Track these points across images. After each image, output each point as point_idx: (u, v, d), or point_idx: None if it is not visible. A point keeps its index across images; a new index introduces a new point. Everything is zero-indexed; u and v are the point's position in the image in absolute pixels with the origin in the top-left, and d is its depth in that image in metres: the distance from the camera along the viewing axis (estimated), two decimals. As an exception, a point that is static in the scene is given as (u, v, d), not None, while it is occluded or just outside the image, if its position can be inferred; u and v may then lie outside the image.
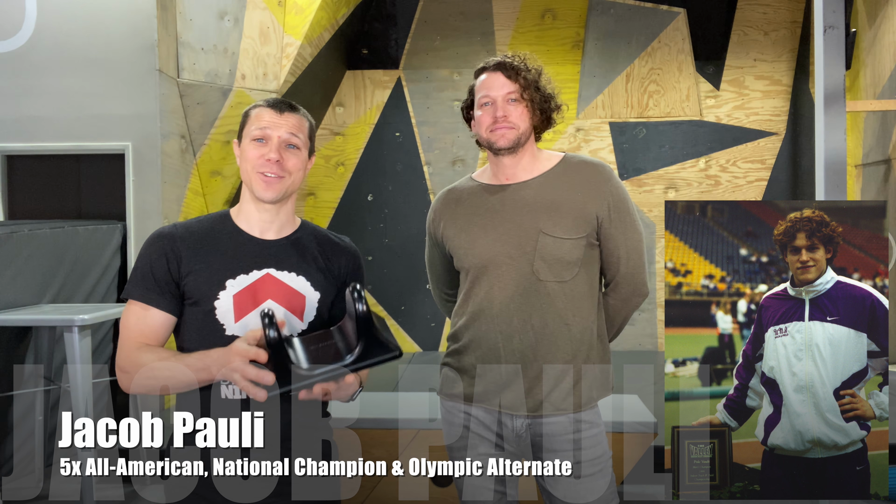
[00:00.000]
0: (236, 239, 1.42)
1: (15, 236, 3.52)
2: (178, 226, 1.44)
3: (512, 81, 1.64)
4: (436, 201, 1.81)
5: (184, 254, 1.38)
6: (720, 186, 6.18)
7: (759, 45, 6.19)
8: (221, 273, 1.38)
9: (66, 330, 3.08)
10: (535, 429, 1.62)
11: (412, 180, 6.25)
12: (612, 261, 1.69)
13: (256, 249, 1.42)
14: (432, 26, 6.24)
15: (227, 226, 1.45)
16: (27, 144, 4.24)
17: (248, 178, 1.41)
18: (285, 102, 1.43)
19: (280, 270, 1.41)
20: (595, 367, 1.67)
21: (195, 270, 1.37)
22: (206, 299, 1.36)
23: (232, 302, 1.36)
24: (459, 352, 1.70)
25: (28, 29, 4.19)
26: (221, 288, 1.37)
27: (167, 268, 1.37)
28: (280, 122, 1.40)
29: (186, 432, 1.32)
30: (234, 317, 1.36)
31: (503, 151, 1.65)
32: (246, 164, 1.41)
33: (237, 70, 4.63)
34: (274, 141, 1.39)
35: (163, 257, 1.38)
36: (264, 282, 1.39)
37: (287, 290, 1.40)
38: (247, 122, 1.44)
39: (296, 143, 1.42)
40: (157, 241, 1.40)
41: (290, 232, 1.47)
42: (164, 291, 1.37)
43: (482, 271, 1.65)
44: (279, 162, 1.38)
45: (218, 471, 1.32)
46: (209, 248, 1.40)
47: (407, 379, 5.13)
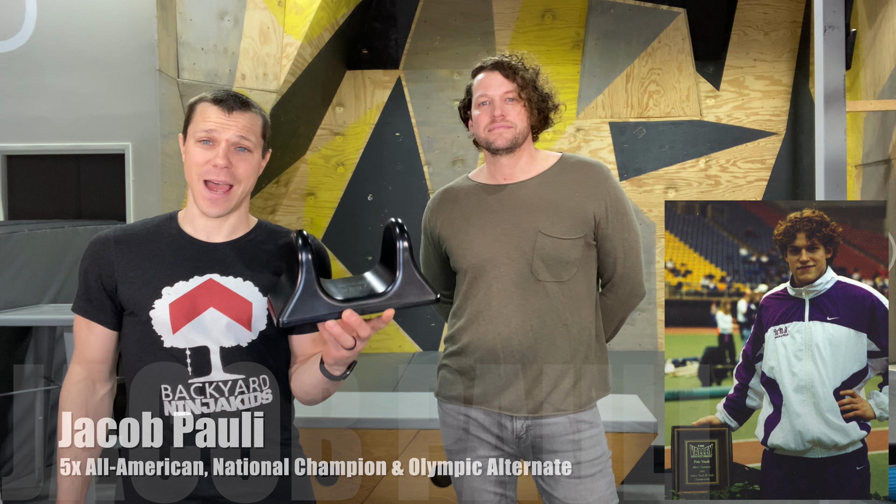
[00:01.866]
0: (177, 242, 1.29)
1: (15, 236, 3.52)
2: (117, 229, 1.31)
3: (509, 81, 1.64)
4: (432, 201, 1.80)
5: (116, 260, 1.27)
6: (720, 186, 6.18)
7: (759, 45, 6.19)
8: (157, 280, 1.25)
9: (66, 330, 3.08)
10: (534, 430, 1.62)
11: (412, 180, 6.25)
12: (609, 261, 1.69)
13: (199, 253, 1.29)
14: (432, 26, 6.24)
15: (170, 228, 1.32)
16: (27, 144, 4.24)
17: (192, 184, 1.27)
18: (235, 97, 1.28)
19: (224, 276, 1.27)
20: (594, 367, 1.67)
21: (129, 278, 1.26)
22: (140, 309, 1.25)
23: (168, 311, 1.24)
24: (458, 353, 1.68)
25: (28, 29, 4.19)
26: (157, 296, 1.24)
27: (99, 277, 1.27)
28: (228, 123, 1.25)
29: (186, 432, 1.25)
30: (171, 327, 1.24)
31: (501, 151, 1.64)
32: (190, 168, 1.26)
33: (237, 70, 4.63)
34: (222, 145, 1.24)
35: (95, 265, 1.28)
36: (205, 288, 1.26)
37: (231, 296, 1.27)
38: (192, 117, 1.28)
39: (246, 145, 1.27)
40: (91, 247, 1.30)
41: (242, 234, 1.33)
42: (100, 305, 1.28)
43: (480, 272, 1.64)
44: (227, 168, 1.24)
45: (218, 471, 1.26)
46: (146, 254, 1.28)
47: (407, 379, 5.13)
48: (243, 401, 1.26)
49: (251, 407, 1.26)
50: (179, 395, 1.23)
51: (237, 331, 1.26)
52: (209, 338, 1.25)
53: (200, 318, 1.25)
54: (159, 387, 1.24)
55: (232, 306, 1.26)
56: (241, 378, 1.26)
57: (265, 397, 1.28)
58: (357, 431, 2.96)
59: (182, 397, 1.23)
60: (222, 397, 1.25)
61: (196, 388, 1.24)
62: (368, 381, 4.98)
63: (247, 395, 1.26)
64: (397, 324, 6.24)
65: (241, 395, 1.26)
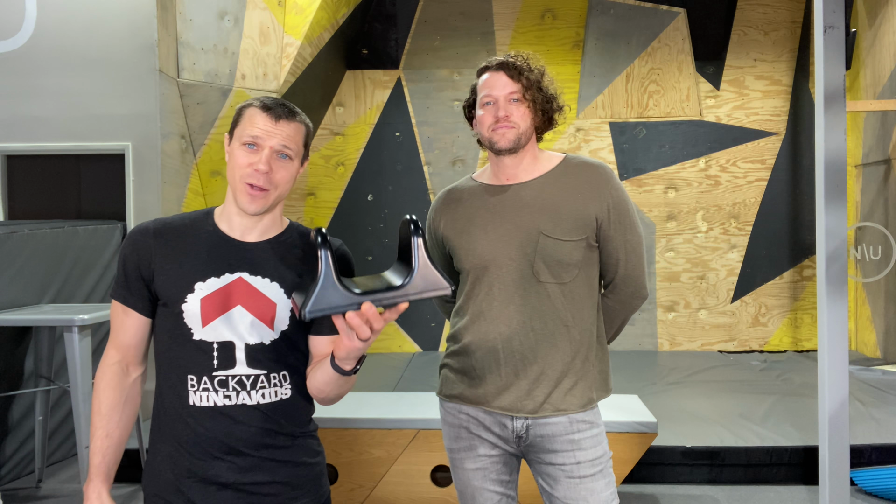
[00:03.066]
0: (212, 240, 1.35)
1: (15, 236, 3.52)
2: (157, 221, 1.38)
3: (514, 81, 1.64)
4: (436, 201, 1.80)
5: (155, 252, 1.33)
6: (720, 186, 6.18)
7: (759, 45, 6.19)
8: (191, 275, 1.31)
9: (66, 330, 3.08)
10: (535, 429, 1.62)
11: (412, 180, 6.25)
12: (612, 263, 1.69)
13: (232, 252, 1.34)
14: (432, 26, 6.24)
15: (206, 225, 1.37)
16: (27, 144, 4.24)
17: (233, 183, 1.33)
18: (283, 106, 1.34)
19: (253, 275, 1.33)
20: (595, 368, 1.67)
21: (165, 270, 1.32)
22: (173, 301, 1.30)
23: (199, 306, 1.30)
24: (459, 353, 1.69)
25: (28, 29, 4.19)
26: (189, 290, 1.30)
27: (137, 266, 1.33)
28: (274, 131, 1.31)
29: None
30: (201, 321, 1.29)
31: (504, 151, 1.64)
32: (233, 170, 1.32)
33: (237, 70, 4.63)
34: (265, 151, 1.31)
35: (134, 254, 1.34)
36: (236, 286, 1.32)
37: (258, 296, 1.32)
38: (240, 120, 1.35)
39: (288, 153, 1.33)
40: (131, 237, 1.36)
41: (275, 234, 1.39)
42: (137, 293, 1.34)
43: (482, 272, 1.64)
44: (268, 174, 1.31)
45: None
46: (183, 248, 1.34)
47: (407, 379, 5.12)
48: (264, 395, 1.31)
49: (271, 402, 1.32)
50: (204, 386, 1.29)
51: (261, 329, 1.32)
52: (235, 334, 1.31)
53: (229, 314, 1.31)
54: (186, 376, 1.30)
55: (258, 305, 1.32)
56: (262, 373, 1.32)
57: (284, 393, 1.34)
58: (357, 431, 2.96)
59: (206, 388, 1.29)
60: (244, 391, 1.30)
61: (219, 381, 1.30)
62: (368, 381, 4.97)
63: (267, 390, 1.32)
64: (397, 324, 6.24)
65: (262, 389, 1.31)
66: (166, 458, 1.31)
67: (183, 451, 1.30)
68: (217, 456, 1.29)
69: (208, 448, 1.29)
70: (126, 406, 1.37)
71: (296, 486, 1.35)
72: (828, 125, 2.67)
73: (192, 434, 1.29)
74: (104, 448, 1.33)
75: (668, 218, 6.20)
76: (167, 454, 1.31)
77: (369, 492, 2.98)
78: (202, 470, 1.29)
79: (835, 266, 2.69)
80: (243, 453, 1.30)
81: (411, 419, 2.96)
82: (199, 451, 1.29)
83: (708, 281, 6.20)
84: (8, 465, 3.56)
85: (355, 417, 2.97)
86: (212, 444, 1.29)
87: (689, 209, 6.20)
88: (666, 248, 6.21)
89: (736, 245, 6.19)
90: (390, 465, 2.97)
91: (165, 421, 1.32)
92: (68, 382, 3.28)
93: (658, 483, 3.50)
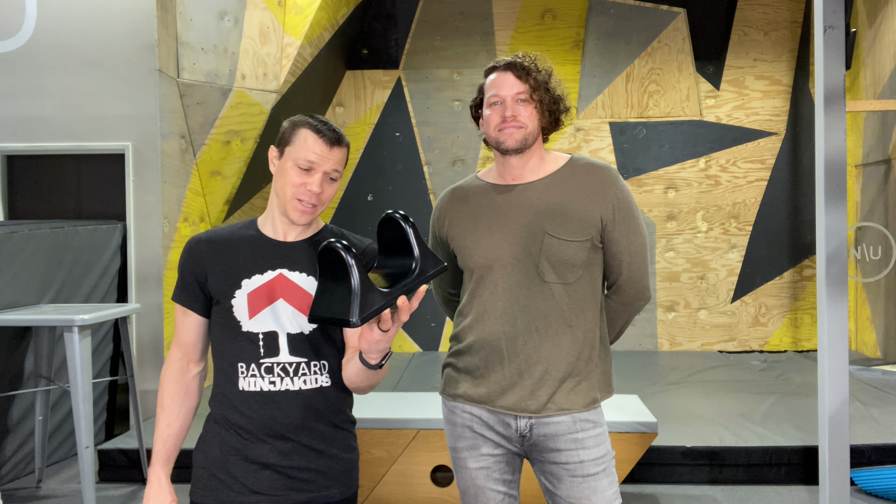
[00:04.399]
0: (256, 242, 1.50)
1: (15, 236, 3.52)
2: (209, 232, 1.54)
3: (522, 82, 1.64)
4: (441, 199, 1.80)
5: (206, 256, 1.48)
6: (720, 186, 6.19)
7: (759, 45, 6.19)
8: (238, 273, 1.46)
9: (66, 330, 3.08)
10: (538, 428, 1.62)
11: (412, 180, 6.25)
12: (615, 264, 1.69)
13: (272, 250, 1.49)
14: (432, 26, 6.24)
15: (250, 230, 1.53)
16: (27, 144, 4.24)
17: (284, 198, 1.45)
18: (335, 132, 1.45)
19: (292, 271, 1.47)
20: (598, 368, 1.67)
21: (216, 271, 1.47)
22: (224, 297, 1.45)
23: (246, 300, 1.44)
24: (463, 352, 1.69)
25: (28, 29, 4.19)
26: (237, 287, 1.45)
27: (192, 271, 1.48)
28: (328, 157, 1.44)
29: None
30: (248, 314, 1.43)
31: (511, 151, 1.65)
32: (286, 187, 1.44)
33: (237, 70, 4.63)
34: (318, 175, 1.43)
35: (190, 261, 1.49)
36: (277, 281, 1.45)
37: (298, 290, 1.45)
38: (293, 139, 1.45)
39: (335, 177, 1.47)
40: (187, 246, 1.52)
41: (311, 234, 1.53)
42: (194, 295, 1.49)
43: (487, 271, 1.65)
44: (319, 195, 1.44)
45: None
46: (231, 251, 1.49)
47: (407, 379, 5.12)
48: (305, 381, 1.44)
49: (311, 388, 1.44)
50: (252, 373, 1.42)
51: (300, 319, 1.44)
52: (278, 324, 1.43)
53: (273, 306, 1.44)
54: (237, 364, 1.43)
55: (297, 298, 1.45)
56: (304, 361, 1.44)
57: (325, 381, 1.46)
58: (357, 431, 2.96)
59: (254, 374, 1.42)
60: (287, 377, 1.43)
61: (266, 368, 1.43)
62: (368, 381, 4.96)
63: (308, 377, 1.44)
64: (397, 324, 6.24)
65: (303, 376, 1.44)
66: (216, 436, 1.45)
67: (231, 432, 1.43)
68: (261, 438, 1.41)
69: (254, 430, 1.41)
70: (186, 399, 1.50)
71: (329, 475, 1.46)
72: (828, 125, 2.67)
73: (241, 417, 1.42)
74: (165, 436, 1.47)
75: (668, 218, 6.21)
76: (217, 433, 1.45)
77: (369, 492, 2.98)
78: (246, 450, 1.41)
79: (835, 266, 2.69)
80: (285, 437, 1.41)
81: (411, 419, 2.96)
82: (245, 433, 1.42)
83: (708, 281, 6.20)
84: (8, 465, 3.56)
85: (355, 417, 2.97)
86: (257, 427, 1.41)
87: (689, 209, 6.20)
88: (666, 248, 6.21)
89: (736, 245, 6.19)
90: (390, 465, 2.97)
91: (219, 404, 1.46)
92: (68, 382, 3.27)
93: (658, 483, 3.50)
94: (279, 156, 1.48)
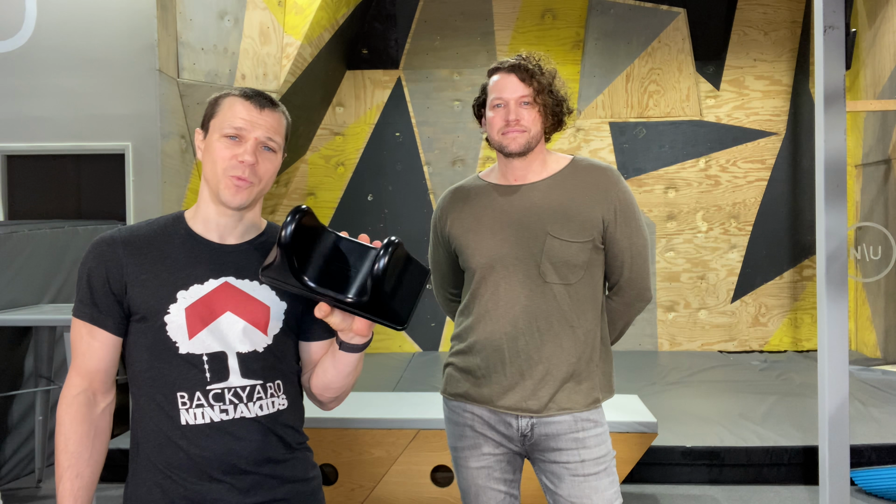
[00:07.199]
0: (189, 244, 1.25)
1: (15, 236, 3.52)
2: (122, 230, 1.26)
3: (525, 85, 1.62)
4: (442, 199, 1.80)
5: (126, 262, 1.21)
6: (720, 186, 6.18)
7: (759, 45, 6.19)
8: (171, 284, 1.21)
9: (66, 330, 3.08)
10: (539, 428, 1.62)
11: (412, 180, 6.25)
12: (617, 265, 1.69)
13: (213, 256, 1.25)
14: (432, 26, 6.24)
15: (179, 229, 1.27)
16: (27, 144, 4.24)
17: (214, 178, 1.23)
18: (264, 96, 1.26)
19: (240, 279, 1.25)
20: (599, 369, 1.67)
21: (141, 281, 1.21)
22: (154, 314, 1.20)
23: (184, 316, 1.20)
24: (464, 352, 1.69)
25: (28, 29, 4.19)
26: (172, 301, 1.20)
27: (106, 280, 1.21)
28: (259, 122, 1.23)
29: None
30: (187, 333, 1.20)
31: (514, 154, 1.64)
32: (214, 164, 1.23)
33: (237, 70, 4.63)
34: (250, 142, 1.22)
35: (101, 267, 1.21)
36: (221, 292, 1.23)
37: (248, 300, 1.24)
38: (216, 111, 1.25)
39: (272, 146, 1.25)
40: (95, 248, 1.23)
41: (255, 236, 1.31)
42: (106, 310, 1.22)
43: (488, 271, 1.65)
44: (253, 166, 1.22)
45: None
46: (157, 256, 1.23)
47: (407, 379, 5.12)
48: (262, 406, 1.23)
49: (269, 413, 1.24)
50: (198, 403, 1.19)
51: (253, 335, 1.23)
52: (225, 343, 1.22)
53: (217, 322, 1.21)
54: (175, 394, 1.19)
55: (248, 310, 1.24)
56: (258, 383, 1.23)
57: (281, 403, 1.26)
58: (357, 431, 2.96)
59: (200, 404, 1.19)
60: (241, 403, 1.21)
61: (215, 395, 1.20)
62: (368, 381, 4.97)
63: (265, 401, 1.24)
64: (397, 324, 6.23)
65: (258, 400, 1.23)
66: (154, 486, 1.20)
67: (175, 478, 1.19)
68: (215, 477, 1.19)
69: (206, 469, 1.18)
70: (96, 441, 1.22)
71: (293, 501, 1.27)
72: (828, 125, 2.67)
73: (186, 457, 1.18)
74: (75, 490, 1.19)
75: (668, 218, 6.20)
76: (155, 483, 1.20)
77: (369, 492, 2.98)
78: (199, 495, 1.19)
79: (835, 266, 2.69)
80: (244, 471, 1.21)
81: (411, 419, 2.96)
82: (194, 475, 1.18)
83: (708, 281, 6.20)
84: (8, 465, 3.55)
85: (355, 417, 2.97)
86: (209, 465, 1.19)
87: (689, 209, 6.20)
88: (666, 248, 6.21)
89: (736, 245, 6.19)
90: (390, 465, 2.97)
91: (150, 447, 1.21)
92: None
93: (658, 483, 3.50)
94: (204, 136, 1.27)
